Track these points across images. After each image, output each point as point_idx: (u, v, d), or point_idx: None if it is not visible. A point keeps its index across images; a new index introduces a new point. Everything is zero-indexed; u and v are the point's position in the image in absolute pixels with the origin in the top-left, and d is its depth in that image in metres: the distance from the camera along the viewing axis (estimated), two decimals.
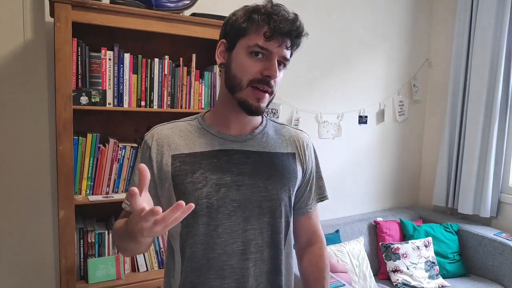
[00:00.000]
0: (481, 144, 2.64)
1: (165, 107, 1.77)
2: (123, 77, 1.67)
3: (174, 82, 1.79)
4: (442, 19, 3.01)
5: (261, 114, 0.93)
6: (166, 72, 1.76)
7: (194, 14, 1.79)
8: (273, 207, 0.96)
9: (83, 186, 1.67)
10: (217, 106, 1.01)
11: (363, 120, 2.81)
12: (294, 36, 0.89)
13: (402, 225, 2.65)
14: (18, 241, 1.77)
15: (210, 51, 2.02)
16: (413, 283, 2.32)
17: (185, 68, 1.81)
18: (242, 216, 0.93)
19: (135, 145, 1.77)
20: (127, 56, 1.67)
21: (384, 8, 2.81)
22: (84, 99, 1.58)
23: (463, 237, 2.62)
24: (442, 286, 2.35)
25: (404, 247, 2.44)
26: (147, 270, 1.80)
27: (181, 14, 1.73)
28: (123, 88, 1.67)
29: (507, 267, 2.37)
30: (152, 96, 1.74)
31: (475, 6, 2.64)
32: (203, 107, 1.86)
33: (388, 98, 2.93)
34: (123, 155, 1.73)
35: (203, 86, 1.86)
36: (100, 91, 1.62)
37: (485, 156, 2.64)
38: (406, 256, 2.41)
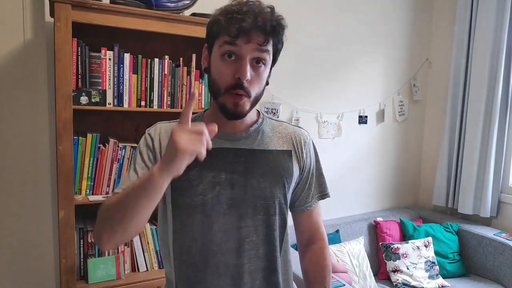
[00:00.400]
0: (481, 144, 2.64)
1: (165, 107, 1.77)
2: (123, 77, 1.67)
3: (174, 82, 1.79)
4: (442, 19, 3.01)
5: (241, 117, 0.92)
6: (166, 72, 1.76)
7: (194, 14, 1.79)
8: (267, 205, 0.96)
9: (83, 186, 1.67)
10: (211, 106, 1.01)
11: (363, 120, 2.81)
12: (263, 29, 0.85)
13: (402, 225, 2.64)
14: (18, 241, 1.77)
15: None
16: (413, 283, 2.32)
17: (185, 68, 1.81)
18: (236, 215, 0.93)
19: (135, 145, 1.77)
20: (127, 56, 1.67)
21: (384, 8, 2.81)
22: (84, 99, 1.58)
23: (463, 237, 2.62)
24: (442, 286, 2.35)
25: (404, 247, 2.44)
26: (147, 270, 1.80)
27: (181, 14, 1.73)
28: (123, 88, 1.67)
29: (507, 267, 2.37)
30: (152, 96, 1.74)
31: (475, 6, 2.64)
32: (203, 107, 1.86)
33: (388, 98, 2.93)
34: (123, 155, 1.73)
35: (203, 86, 1.86)
36: (100, 91, 1.62)
37: (485, 156, 2.64)
38: (406, 256, 2.41)
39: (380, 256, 2.51)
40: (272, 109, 2.40)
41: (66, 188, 1.53)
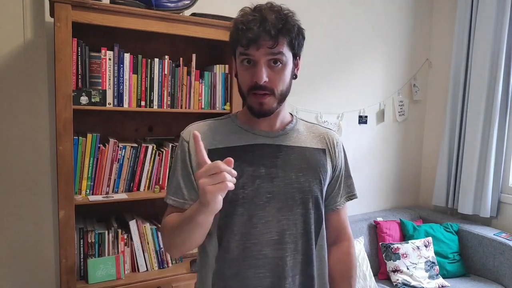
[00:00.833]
0: (481, 144, 2.64)
1: (165, 107, 1.77)
2: (123, 77, 1.67)
3: (174, 82, 1.79)
4: (442, 19, 3.01)
5: (269, 114, 0.97)
6: (166, 72, 1.76)
7: (194, 14, 1.79)
8: (305, 199, 0.99)
9: (83, 186, 1.67)
10: (244, 108, 1.05)
11: (363, 120, 2.81)
12: (269, 35, 0.89)
13: (402, 225, 2.64)
14: (18, 241, 1.77)
15: (210, 51, 2.02)
16: (413, 283, 2.32)
17: (185, 68, 1.81)
18: (275, 207, 0.97)
19: (135, 145, 1.77)
20: (127, 56, 1.67)
21: (384, 8, 2.81)
22: (84, 99, 1.58)
23: (463, 237, 2.62)
24: (442, 286, 2.35)
25: (404, 247, 2.44)
26: (147, 270, 1.79)
27: (181, 14, 1.73)
28: (123, 88, 1.67)
29: (507, 267, 2.37)
30: (152, 96, 1.74)
31: (475, 6, 2.64)
32: (203, 107, 1.86)
33: (388, 98, 2.93)
34: (123, 155, 1.73)
35: (203, 86, 1.86)
36: (100, 91, 1.62)
37: (485, 156, 2.64)
38: (406, 256, 2.41)
39: (380, 256, 2.51)
40: None
41: (66, 188, 1.53)
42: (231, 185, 0.78)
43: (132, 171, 1.77)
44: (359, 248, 2.36)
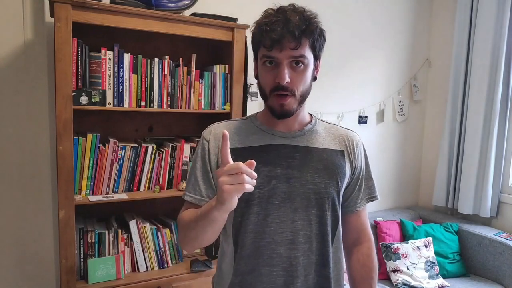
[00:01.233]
0: (481, 144, 2.64)
1: (165, 107, 1.77)
2: (123, 77, 1.67)
3: (174, 82, 1.79)
4: (442, 19, 3.01)
5: (289, 115, 0.98)
6: (166, 72, 1.76)
7: (194, 14, 1.79)
8: (320, 200, 1.00)
9: (83, 186, 1.67)
10: (264, 109, 1.06)
11: (363, 120, 2.80)
12: (294, 35, 0.90)
13: (402, 225, 2.64)
14: (18, 241, 1.77)
15: (210, 51, 2.02)
16: (413, 283, 2.32)
17: (185, 68, 1.81)
18: (291, 207, 0.98)
19: (135, 145, 1.77)
20: (127, 56, 1.67)
21: (384, 8, 2.81)
22: (84, 99, 1.58)
23: (463, 237, 2.62)
24: (442, 286, 2.35)
25: (404, 247, 2.44)
26: (147, 270, 1.79)
27: (181, 14, 1.73)
28: (123, 88, 1.67)
29: (507, 267, 2.37)
30: (152, 96, 1.74)
31: (475, 6, 2.64)
32: (203, 107, 1.86)
33: (388, 98, 2.93)
34: (123, 155, 1.73)
35: (203, 86, 1.86)
36: (100, 91, 1.62)
37: (485, 156, 2.64)
38: (406, 256, 2.41)
39: (380, 256, 2.51)
40: None
41: (66, 188, 1.53)
42: (249, 187, 0.79)
43: (132, 171, 1.77)
44: None
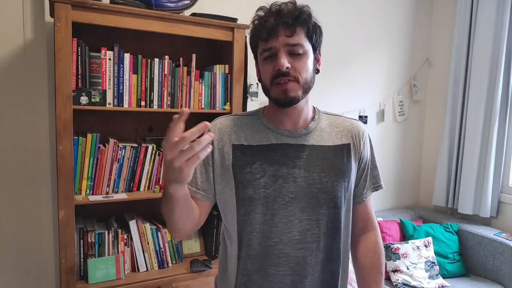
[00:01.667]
0: (481, 144, 2.64)
1: (165, 107, 1.77)
2: (123, 77, 1.67)
3: (174, 82, 1.79)
4: (442, 19, 3.01)
5: (295, 103, 0.96)
6: (166, 72, 1.76)
7: (194, 14, 1.79)
8: (328, 199, 0.99)
9: (83, 186, 1.67)
10: (269, 106, 1.06)
11: (363, 120, 2.80)
12: (287, 23, 0.92)
13: (402, 225, 2.64)
14: (18, 241, 1.77)
15: (210, 51, 2.02)
16: (413, 283, 2.32)
17: (185, 68, 1.81)
18: (298, 207, 0.97)
19: (135, 145, 1.77)
20: (127, 56, 1.67)
21: (384, 8, 2.81)
22: (84, 99, 1.58)
23: (463, 237, 2.62)
24: (442, 286, 2.35)
25: (404, 247, 2.44)
26: (147, 270, 1.79)
27: (181, 14, 1.73)
28: (123, 88, 1.67)
29: (507, 267, 2.37)
30: (152, 96, 1.74)
31: (475, 6, 2.64)
32: (203, 107, 1.86)
33: (388, 98, 2.93)
34: (123, 155, 1.73)
35: (203, 86, 1.86)
36: (100, 91, 1.62)
37: (485, 156, 2.64)
38: (406, 256, 2.41)
39: None
40: None
41: (66, 188, 1.53)
42: (203, 154, 0.74)
43: (132, 171, 1.77)
44: None
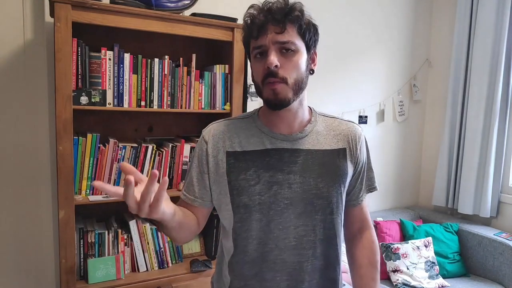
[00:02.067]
0: (481, 144, 2.64)
1: (165, 107, 1.77)
2: (123, 77, 1.67)
3: (174, 82, 1.79)
4: (442, 19, 3.01)
5: (286, 105, 0.94)
6: (166, 72, 1.76)
7: (194, 14, 1.79)
8: (324, 205, 0.98)
9: (83, 186, 1.67)
10: (264, 107, 1.04)
11: (363, 120, 2.80)
12: (277, 20, 0.90)
13: (402, 225, 2.64)
14: (18, 241, 1.77)
15: (210, 51, 2.02)
16: (413, 283, 2.32)
17: (185, 68, 1.81)
18: (294, 213, 0.96)
19: (135, 145, 1.77)
20: (127, 56, 1.67)
21: (384, 8, 2.81)
22: (84, 99, 1.58)
23: (463, 237, 2.62)
24: (442, 286, 2.35)
25: (404, 247, 2.44)
26: (147, 270, 1.79)
27: (181, 14, 1.73)
28: (123, 88, 1.67)
29: (507, 267, 2.37)
30: (152, 96, 1.74)
31: (475, 6, 2.64)
32: (203, 107, 1.86)
33: (388, 98, 2.93)
34: (123, 155, 1.73)
35: (203, 86, 1.86)
36: (100, 91, 1.62)
37: (485, 156, 2.64)
38: (406, 256, 2.41)
39: (380, 256, 2.50)
40: None
41: (66, 188, 1.53)
42: (161, 195, 0.74)
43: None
44: None
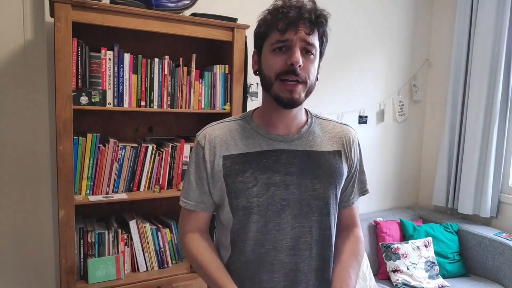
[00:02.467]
0: (481, 144, 2.64)
1: (165, 107, 1.77)
2: (123, 77, 1.67)
3: (174, 82, 1.79)
4: (442, 19, 3.01)
5: (297, 105, 0.95)
6: (166, 72, 1.76)
7: (194, 14, 1.79)
8: (320, 205, 0.99)
9: (83, 186, 1.67)
10: (262, 107, 1.03)
11: (363, 120, 2.81)
12: (308, 19, 0.90)
13: (402, 225, 2.64)
14: (18, 241, 1.77)
15: (210, 51, 2.02)
16: (413, 283, 2.32)
17: (185, 68, 1.81)
18: (290, 214, 0.97)
19: (135, 145, 1.77)
20: (127, 56, 1.67)
21: (384, 8, 2.81)
22: (84, 99, 1.58)
23: (463, 237, 2.62)
24: (442, 286, 2.35)
25: (404, 247, 2.44)
26: (147, 270, 1.79)
27: (181, 14, 1.73)
28: (123, 88, 1.67)
29: (507, 267, 2.37)
30: (152, 96, 1.74)
31: (475, 6, 2.64)
32: (203, 107, 1.86)
33: (388, 98, 2.93)
34: (123, 155, 1.73)
35: (203, 86, 1.86)
36: (100, 91, 1.62)
37: (485, 156, 2.64)
38: (406, 256, 2.41)
39: (380, 256, 2.51)
40: None
41: (66, 188, 1.53)
42: None
43: (132, 171, 1.77)
44: None
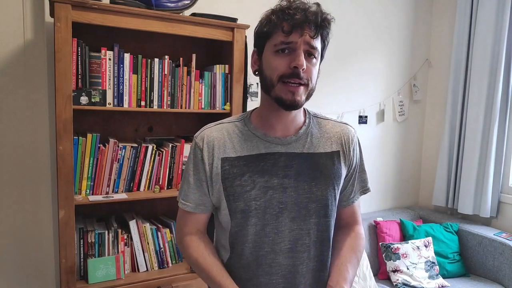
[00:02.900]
0: (481, 144, 2.64)
1: (165, 107, 1.77)
2: (123, 77, 1.67)
3: (174, 82, 1.79)
4: (442, 19, 3.01)
5: (298, 107, 0.94)
6: (166, 72, 1.76)
7: (194, 14, 1.79)
8: (318, 208, 0.98)
9: (83, 186, 1.67)
10: (260, 108, 1.03)
11: (363, 120, 2.81)
12: (314, 23, 0.89)
13: (402, 225, 2.64)
14: (18, 241, 1.77)
15: (210, 51, 2.02)
16: (413, 283, 2.32)
17: (185, 68, 1.81)
18: (288, 217, 0.97)
19: (135, 145, 1.77)
20: (127, 56, 1.67)
21: (384, 8, 2.81)
22: (84, 99, 1.58)
23: (463, 237, 2.62)
24: (442, 286, 2.35)
25: (404, 247, 2.44)
26: (147, 270, 1.79)
27: (181, 14, 1.73)
28: (123, 88, 1.67)
29: (507, 267, 2.37)
30: (152, 96, 1.74)
31: (475, 6, 2.64)
32: (203, 107, 1.86)
33: (388, 98, 2.93)
34: (123, 155, 1.73)
35: (203, 86, 1.86)
36: (100, 91, 1.62)
37: (485, 156, 2.64)
38: (406, 256, 2.41)
39: (380, 256, 2.51)
40: None
41: (66, 188, 1.53)
42: None
43: (132, 171, 1.77)
44: None
